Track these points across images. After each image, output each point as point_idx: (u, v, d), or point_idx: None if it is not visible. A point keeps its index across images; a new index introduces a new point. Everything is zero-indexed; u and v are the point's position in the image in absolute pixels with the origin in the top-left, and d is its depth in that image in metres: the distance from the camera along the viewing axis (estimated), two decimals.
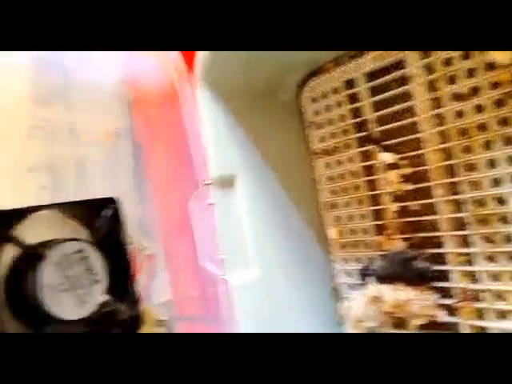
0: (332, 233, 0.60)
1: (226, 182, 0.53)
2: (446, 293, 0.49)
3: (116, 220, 0.41)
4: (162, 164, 0.58)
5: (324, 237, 0.62)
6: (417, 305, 0.49)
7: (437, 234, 0.49)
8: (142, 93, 0.60)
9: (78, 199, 0.39)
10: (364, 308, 0.54)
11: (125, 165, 0.59)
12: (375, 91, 0.52)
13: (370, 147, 0.53)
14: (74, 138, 0.57)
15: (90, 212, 0.40)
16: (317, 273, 0.61)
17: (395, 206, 0.52)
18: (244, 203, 0.54)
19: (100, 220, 0.40)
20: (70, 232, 0.42)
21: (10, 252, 0.33)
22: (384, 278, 0.52)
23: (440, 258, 0.49)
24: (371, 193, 0.55)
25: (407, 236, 0.52)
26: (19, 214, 0.33)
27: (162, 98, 0.60)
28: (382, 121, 0.52)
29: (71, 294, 0.35)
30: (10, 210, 0.33)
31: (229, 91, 0.54)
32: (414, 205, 0.51)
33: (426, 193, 0.50)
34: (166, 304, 0.57)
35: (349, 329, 0.56)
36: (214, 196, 0.52)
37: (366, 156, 0.55)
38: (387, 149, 0.52)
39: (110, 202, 0.41)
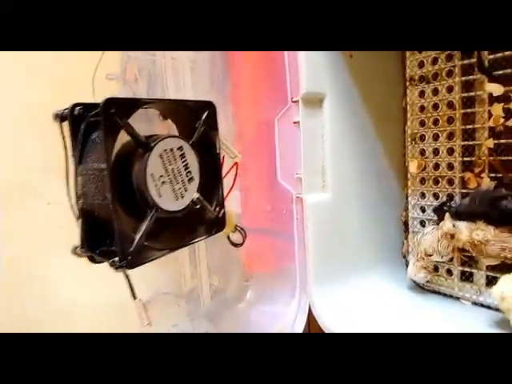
0: (413, 166, 0.58)
1: (315, 101, 0.52)
2: None
3: (212, 124, 0.42)
4: (252, 77, 0.58)
5: (402, 169, 0.61)
6: (495, 246, 0.48)
7: None
8: None
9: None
10: (435, 243, 0.53)
11: (212, 75, 0.58)
12: None
13: (477, 76, 0.49)
14: None
15: (188, 113, 0.41)
16: (389, 204, 0.61)
17: (492, 143, 0.49)
18: (329, 124, 0.53)
19: (198, 122, 0.41)
20: (166, 130, 0.43)
21: (121, 140, 0.35)
22: (463, 216, 0.51)
23: None
24: (466, 127, 0.52)
25: (498, 175, 0.49)
26: (133, 105, 0.35)
27: None
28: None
29: (170, 187, 0.37)
30: (128, 99, 0.34)
31: None
32: None
33: None
34: (237, 215, 0.60)
35: (413, 261, 0.56)
36: (301, 114, 0.51)
37: (468, 86, 0.51)
38: (495, 80, 0.48)
39: (208, 106, 0.42)
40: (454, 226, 0.51)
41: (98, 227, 0.35)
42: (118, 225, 0.33)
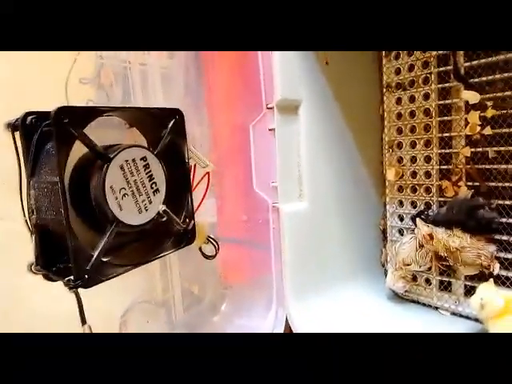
0: (391, 174, 0.57)
1: (290, 108, 0.51)
2: (505, 246, 0.47)
3: (179, 132, 0.40)
4: (227, 83, 0.56)
5: (380, 177, 0.60)
6: (471, 253, 0.47)
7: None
8: None
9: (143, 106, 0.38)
10: (413, 252, 0.52)
11: (186, 81, 0.57)
12: None
13: (453, 84, 0.49)
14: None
15: (155, 121, 0.39)
16: (367, 212, 0.60)
17: (469, 151, 0.48)
18: (305, 132, 0.52)
19: (164, 130, 0.39)
20: (133, 140, 0.41)
21: (78, 151, 0.33)
22: (440, 225, 0.50)
23: (507, 210, 0.46)
24: (443, 134, 0.51)
25: (476, 184, 0.49)
26: (89, 114, 0.33)
27: None
28: (470, 55, 0.47)
29: (132, 200, 0.35)
30: (83, 108, 0.32)
31: None
32: (490, 151, 0.47)
33: (506, 140, 0.46)
34: (212, 225, 0.58)
35: (391, 270, 0.55)
36: (276, 121, 0.50)
37: (444, 94, 0.51)
38: (472, 87, 0.47)
39: (175, 114, 0.40)
40: (430, 230, 0.50)
41: (54, 243, 0.33)
42: (71, 242, 0.31)
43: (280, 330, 0.51)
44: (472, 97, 0.46)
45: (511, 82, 0.44)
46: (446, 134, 0.51)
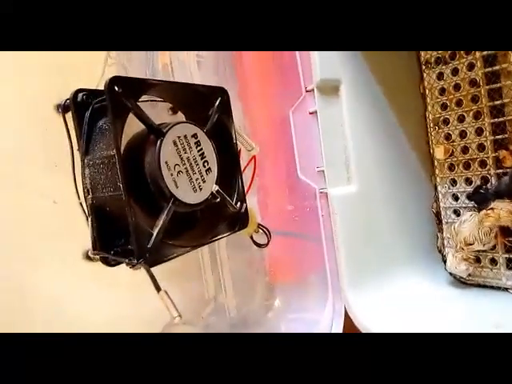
0: (439, 152, 0.54)
1: (331, 89, 0.49)
2: None
3: (226, 112, 0.39)
4: (261, 70, 0.55)
5: (428, 157, 0.57)
6: None
7: None
8: None
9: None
10: (475, 230, 0.49)
11: (219, 70, 0.56)
12: None
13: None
14: None
15: (200, 99, 0.38)
16: (418, 195, 0.57)
17: None
18: (348, 112, 0.50)
19: (211, 109, 0.38)
20: (180, 118, 0.40)
21: (129, 130, 0.32)
22: (505, 195, 0.47)
23: None
24: (494, 103, 0.48)
25: None
26: (140, 85, 0.32)
27: None
28: None
29: (187, 178, 0.34)
30: (133, 78, 0.31)
31: None
32: None
33: None
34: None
35: (452, 252, 0.51)
36: (317, 103, 0.48)
37: (490, 61, 0.48)
38: None
39: (221, 92, 0.39)
40: (492, 206, 0.47)
41: (111, 225, 0.32)
42: (132, 217, 0.29)
43: (340, 322, 0.48)
44: None
45: None
46: (498, 102, 0.48)
